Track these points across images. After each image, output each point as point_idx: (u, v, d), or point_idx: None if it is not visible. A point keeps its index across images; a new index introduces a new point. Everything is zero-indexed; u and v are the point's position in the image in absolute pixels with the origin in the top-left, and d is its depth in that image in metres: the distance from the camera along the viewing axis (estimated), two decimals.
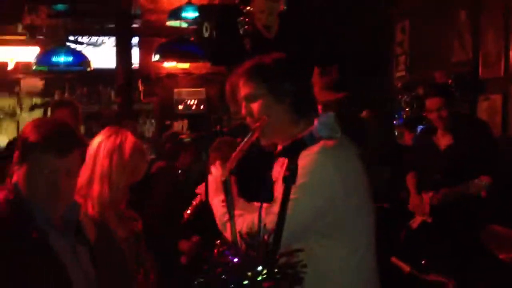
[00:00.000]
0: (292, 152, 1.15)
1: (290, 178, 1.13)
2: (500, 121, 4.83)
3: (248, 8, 3.21)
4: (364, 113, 5.18)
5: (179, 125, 8.62)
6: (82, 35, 8.48)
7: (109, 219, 2.33)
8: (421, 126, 5.29)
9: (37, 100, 9.38)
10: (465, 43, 5.46)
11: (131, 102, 7.54)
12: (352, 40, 7.12)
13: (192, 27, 7.31)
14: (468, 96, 5.12)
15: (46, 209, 1.81)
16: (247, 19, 3.22)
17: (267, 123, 1.77)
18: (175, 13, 7.25)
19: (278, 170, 1.96)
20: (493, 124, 4.70)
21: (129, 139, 2.37)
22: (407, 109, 6.36)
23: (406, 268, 2.48)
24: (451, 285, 2.42)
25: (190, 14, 6.98)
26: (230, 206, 1.46)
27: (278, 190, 1.85)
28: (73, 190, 1.94)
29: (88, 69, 7.04)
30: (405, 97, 6.46)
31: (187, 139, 1.77)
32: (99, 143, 2.34)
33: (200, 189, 2.04)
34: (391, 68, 7.13)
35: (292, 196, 1.54)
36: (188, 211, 2.19)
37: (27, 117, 8.64)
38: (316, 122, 1.14)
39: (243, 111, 1.88)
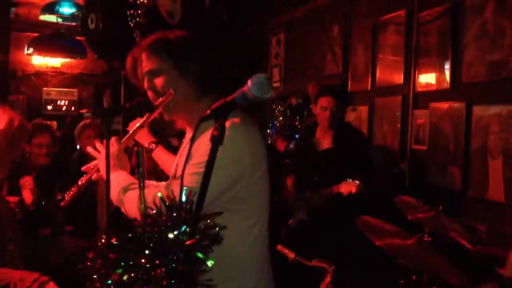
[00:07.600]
0: (223, 112, 1.18)
1: (217, 138, 1.15)
2: (366, 131, 5.23)
3: (141, 0, 3.19)
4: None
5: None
6: None
7: None
8: (297, 135, 5.59)
9: None
10: (337, 57, 5.85)
11: None
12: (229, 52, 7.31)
13: (68, 23, 7.04)
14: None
15: None
16: (139, 11, 3.20)
17: (172, 97, 1.78)
18: (50, 8, 6.94)
19: (183, 146, 1.97)
20: None
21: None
22: (281, 118, 6.64)
23: (291, 255, 2.60)
24: (331, 269, 2.58)
25: (66, 9, 6.73)
26: (141, 177, 1.45)
27: (181, 163, 1.86)
28: None
29: None
30: (279, 106, 6.72)
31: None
32: None
33: (87, 168, 1.99)
34: None
35: (200, 170, 1.54)
36: (73, 190, 2.05)
37: None
38: (248, 82, 1.18)
39: (145, 85, 1.86)
